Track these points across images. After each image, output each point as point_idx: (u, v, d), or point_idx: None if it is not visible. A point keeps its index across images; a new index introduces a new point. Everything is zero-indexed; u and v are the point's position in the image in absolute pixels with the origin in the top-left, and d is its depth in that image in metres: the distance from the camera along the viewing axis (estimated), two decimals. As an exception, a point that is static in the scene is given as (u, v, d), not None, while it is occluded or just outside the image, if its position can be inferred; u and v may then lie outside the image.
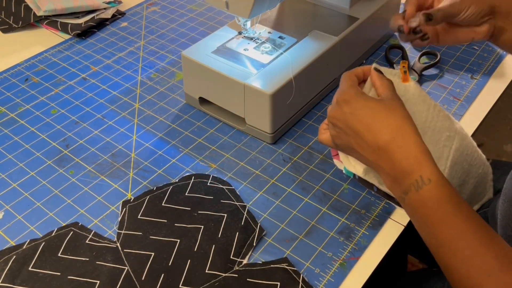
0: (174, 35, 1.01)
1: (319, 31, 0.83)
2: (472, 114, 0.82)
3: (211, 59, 0.77)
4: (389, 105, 0.56)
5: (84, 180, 0.71)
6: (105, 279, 0.58)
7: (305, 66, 0.76)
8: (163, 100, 0.85)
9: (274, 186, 0.70)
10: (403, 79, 0.64)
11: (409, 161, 0.53)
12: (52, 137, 0.78)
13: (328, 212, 0.66)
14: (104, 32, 1.02)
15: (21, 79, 0.90)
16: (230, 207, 0.66)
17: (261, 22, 0.85)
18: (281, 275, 0.58)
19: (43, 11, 1.00)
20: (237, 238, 0.62)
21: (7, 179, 0.71)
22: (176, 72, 0.91)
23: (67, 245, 0.62)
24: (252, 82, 0.73)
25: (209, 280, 0.58)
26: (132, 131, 0.79)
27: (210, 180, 0.70)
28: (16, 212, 0.67)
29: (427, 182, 0.52)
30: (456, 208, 0.51)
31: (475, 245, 0.50)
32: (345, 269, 0.60)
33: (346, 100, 0.57)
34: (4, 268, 0.59)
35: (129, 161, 0.74)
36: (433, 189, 0.52)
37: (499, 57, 0.93)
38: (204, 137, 0.78)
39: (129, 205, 0.67)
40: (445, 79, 0.89)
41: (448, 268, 0.52)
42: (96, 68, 0.92)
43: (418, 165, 0.53)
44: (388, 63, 0.92)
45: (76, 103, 0.84)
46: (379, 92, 0.59)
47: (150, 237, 0.62)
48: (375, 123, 0.55)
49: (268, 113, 0.73)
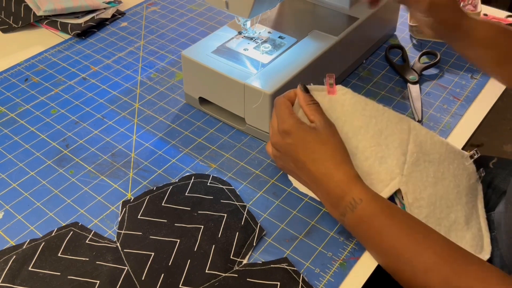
0: (174, 35, 1.01)
1: (319, 31, 0.83)
2: (472, 114, 0.82)
3: (211, 59, 0.77)
4: (323, 137, 0.61)
5: (84, 180, 0.71)
6: (105, 279, 0.58)
7: (305, 66, 0.76)
8: (163, 100, 0.85)
9: (274, 186, 0.70)
10: (329, 91, 0.67)
11: (341, 188, 0.59)
12: (52, 137, 0.78)
13: (328, 212, 0.66)
14: (104, 32, 1.02)
15: (21, 79, 0.90)
16: (230, 207, 0.66)
17: (261, 22, 0.85)
18: (281, 275, 0.58)
19: (43, 11, 1.00)
20: (237, 238, 0.62)
21: (7, 179, 0.71)
22: (176, 72, 0.91)
23: (67, 245, 0.62)
24: (252, 82, 0.73)
25: (209, 280, 0.58)
26: (132, 131, 0.79)
27: (210, 180, 0.70)
28: (16, 212, 0.67)
29: (359, 202, 0.57)
30: (389, 217, 0.57)
31: (412, 246, 0.54)
32: (345, 269, 0.60)
33: (287, 132, 0.62)
34: (4, 268, 0.59)
35: (129, 161, 0.74)
36: (366, 206, 0.57)
37: (499, 57, 0.93)
38: (204, 137, 0.78)
39: (129, 205, 0.67)
40: (445, 79, 0.89)
41: (396, 274, 0.56)
42: (96, 68, 0.92)
43: (349, 190, 0.58)
44: (388, 63, 0.92)
45: (76, 103, 0.84)
46: (311, 119, 0.63)
47: (150, 237, 0.62)
48: (313, 156, 0.60)
49: (268, 113, 0.73)
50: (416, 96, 0.84)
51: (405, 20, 1.03)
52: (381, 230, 0.56)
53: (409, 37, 1.00)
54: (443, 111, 0.82)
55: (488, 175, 0.82)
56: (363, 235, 0.59)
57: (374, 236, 0.57)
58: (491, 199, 0.79)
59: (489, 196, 0.80)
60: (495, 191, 0.79)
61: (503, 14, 1.04)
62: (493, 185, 0.80)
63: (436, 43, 0.97)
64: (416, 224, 0.57)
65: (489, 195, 0.80)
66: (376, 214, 0.57)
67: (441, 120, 0.80)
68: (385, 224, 0.56)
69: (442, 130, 0.78)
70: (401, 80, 0.89)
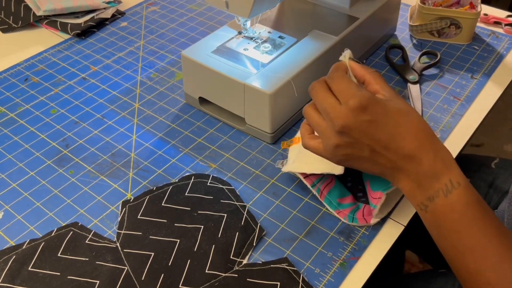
0: (174, 35, 1.01)
1: (319, 31, 0.82)
2: (472, 114, 0.82)
3: (211, 59, 0.77)
4: (403, 107, 0.52)
5: (84, 180, 0.71)
6: (105, 279, 0.58)
7: (305, 66, 0.76)
8: (163, 100, 0.85)
9: (274, 186, 0.70)
10: None
11: (437, 165, 0.50)
12: (52, 137, 0.78)
13: (328, 212, 0.66)
14: (104, 32, 1.02)
15: (20, 79, 0.90)
16: (230, 207, 0.66)
17: (261, 22, 0.85)
18: (281, 275, 0.58)
19: (42, 11, 1.00)
20: (237, 238, 0.62)
21: (7, 179, 0.71)
22: (176, 72, 0.91)
23: (66, 245, 0.62)
24: (252, 82, 0.73)
25: (209, 280, 0.58)
26: (132, 131, 0.79)
27: (210, 180, 0.70)
28: (16, 212, 0.67)
29: (456, 186, 0.49)
30: (483, 212, 0.49)
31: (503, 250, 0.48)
32: (345, 269, 0.60)
33: (363, 107, 0.50)
34: (4, 268, 0.59)
35: (129, 161, 0.74)
36: (462, 192, 0.49)
37: (499, 57, 0.93)
38: (204, 137, 0.78)
39: (129, 205, 0.66)
40: (445, 79, 0.89)
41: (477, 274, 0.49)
42: (95, 68, 0.92)
43: (447, 169, 0.50)
44: (388, 63, 0.92)
45: (76, 103, 0.84)
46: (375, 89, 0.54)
47: (150, 237, 0.62)
48: (399, 129, 0.50)
49: (268, 113, 0.73)
50: (416, 96, 0.84)
51: (405, 20, 1.03)
52: (473, 224, 0.48)
53: (409, 37, 1.00)
54: (443, 111, 0.82)
55: (489, 175, 0.82)
56: (447, 226, 0.50)
57: (461, 229, 0.49)
58: (492, 199, 0.79)
59: (490, 196, 0.80)
60: (497, 191, 0.79)
61: (503, 14, 1.04)
62: (495, 185, 0.80)
63: (436, 43, 0.97)
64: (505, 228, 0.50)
65: (491, 195, 0.80)
66: (471, 205, 0.49)
67: (441, 120, 0.80)
68: (478, 218, 0.49)
69: (442, 130, 0.78)
70: (401, 80, 0.89)
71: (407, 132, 0.50)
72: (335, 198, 0.66)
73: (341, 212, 0.65)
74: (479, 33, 1.00)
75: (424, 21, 0.96)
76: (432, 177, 0.50)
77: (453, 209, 0.49)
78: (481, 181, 0.83)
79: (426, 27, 0.96)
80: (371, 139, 0.51)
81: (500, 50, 0.95)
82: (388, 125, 0.50)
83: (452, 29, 0.95)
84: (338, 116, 0.51)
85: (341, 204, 0.66)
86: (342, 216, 0.65)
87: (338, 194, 0.66)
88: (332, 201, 0.66)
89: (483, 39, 0.98)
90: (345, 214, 0.65)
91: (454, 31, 0.95)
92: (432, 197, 0.50)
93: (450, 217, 0.50)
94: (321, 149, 0.56)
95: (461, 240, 0.50)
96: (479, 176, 0.84)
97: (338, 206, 0.65)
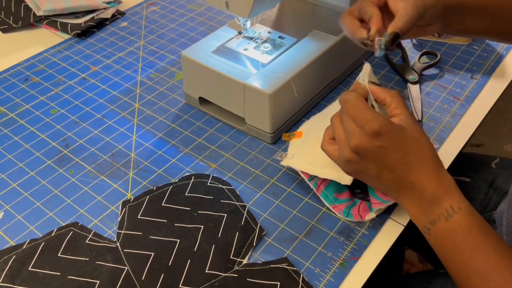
0: (174, 35, 1.01)
1: (319, 31, 0.83)
2: (472, 114, 0.82)
3: (211, 59, 0.77)
4: (416, 136, 0.54)
5: (84, 180, 0.71)
6: (105, 279, 0.58)
7: (305, 66, 0.76)
8: (163, 100, 0.85)
9: (274, 186, 0.70)
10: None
11: (439, 192, 0.52)
12: (52, 137, 0.78)
13: (328, 212, 0.66)
14: (104, 32, 1.02)
15: (21, 79, 0.90)
16: (230, 207, 0.66)
17: (261, 22, 0.85)
18: (281, 275, 0.58)
19: (42, 11, 1.00)
20: (237, 238, 0.62)
21: (7, 179, 0.71)
22: (176, 72, 0.91)
23: (67, 245, 0.62)
24: (252, 82, 0.73)
25: (209, 280, 0.58)
26: (132, 131, 0.79)
27: (210, 180, 0.70)
28: (16, 212, 0.67)
29: (457, 210, 0.51)
30: (484, 236, 0.51)
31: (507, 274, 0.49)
32: (345, 269, 0.60)
33: (379, 133, 0.52)
34: (4, 268, 0.59)
35: (129, 161, 0.74)
36: (463, 216, 0.51)
37: (499, 57, 0.93)
38: (204, 137, 0.78)
39: (129, 205, 0.66)
40: (445, 79, 0.89)
41: None
42: (96, 68, 0.92)
43: (448, 195, 0.52)
44: (388, 63, 0.92)
45: (76, 103, 0.84)
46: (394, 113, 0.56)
47: (150, 237, 0.62)
48: (407, 158, 0.53)
49: (268, 113, 0.73)
50: (416, 96, 0.84)
51: (405, 20, 1.03)
52: (475, 248, 0.50)
53: (409, 37, 1.00)
54: (443, 111, 0.82)
55: (490, 175, 0.82)
56: (450, 249, 0.52)
57: (463, 253, 0.51)
58: (492, 199, 0.79)
59: (490, 196, 0.80)
60: (497, 191, 0.79)
61: (503, 14, 1.04)
62: (495, 185, 0.80)
63: (436, 43, 0.97)
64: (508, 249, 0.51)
65: (491, 195, 0.80)
66: (472, 229, 0.51)
67: (441, 120, 0.80)
68: (480, 242, 0.50)
69: (442, 130, 0.78)
70: (401, 80, 0.89)
71: (416, 161, 0.53)
72: (332, 193, 0.66)
73: (336, 206, 0.66)
74: (479, 33, 1.00)
75: (424, 21, 0.96)
76: (433, 202, 0.52)
77: (455, 233, 0.51)
78: (481, 181, 0.83)
79: (426, 27, 0.96)
80: (380, 162, 0.54)
81: (500, 50, 0.95)
82: (398, 152, 0.53)
83: (452, 29, 0.95)
84: (354, 137, 0.54)
85: (337, 199, 0.66)
86: (337, 210, 0.65)
87: (335, 189, 0.67)
88: (328, 196, 0.66)
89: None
90: (340, 209, 0.65)
91: (454, 31, 0.95)
92: (434, 221, 0.52)
93: (452, 240, 0.51)
94: (335, 156, 0.59)
95: (464, 264, 0.51)
96: (480, 176, 0.84)
97: (334, 201, 0.66)
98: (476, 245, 0.50)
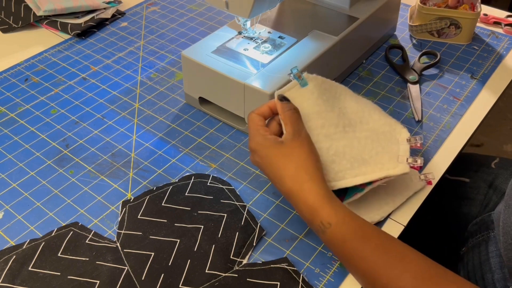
0: (174, 35, 1.01)
1: (319, 31, 0.83)
2: (472, 114, 0.82)
3: (211, 59, 0.77)
4: (286, 151, 0.58)
5: (84, 180, 0.71)
6: (105, 279, 0.58)
7: (305, 66, 0.76)
8: (163, 100, 0.85)
9: (274, 186, 0.70)
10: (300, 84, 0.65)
11: (307, 209, 0.56)
12: (52, 137, 0.78)
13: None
14: (104, 32, 1.02)
15: (21, 79, 0.90)
16: (230, 207, 0.66)
17: (261, 22, 0.85)
18: (281, 275, 0.58)
19: (42, 11, 1.00)
20: (237, 238, 0.62)
21: (7, 179, 0.71)
22: (176, 72, 0.91)
23: (67, 245, 0.62)
24: (252, 82, 0.73)
25: (209, 280, 0.58)
26: (132, 131, 0.79)
27: (210, 180, 0.70)
28: (16, 212, 0.67)
29: (327, 226, 0.54)
30: (361, 240, 0.53)
31: (388, 270, 0.52)
32: (345, 269, 0.60)
33: (253, 150, 0.60)
34: (4, 268, 0.59)
35: (129, 161, 0.74)
36: (335, 230, 0.54)
37: (499, 57, 0.93)
38: (204, 137, 0.78)
39: (129, 205, 0.67)
40: (445, 79, 0.89)
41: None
42: (96, 68, 0.92)
43: (316, 212, 0.55)
44: (388, 63, 0.92)
45: (76, 103, 0.84)
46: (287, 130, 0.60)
47: (150, 237, 0.62)
48: (279, 173, 0.58)
49: (268, 113, 0.73)
50: (416, 96, 0.84)
51: (405, 20, 1.03)
52: (354, 254, 0.54)
53: (409, 37, 1.00)
54: (443, 111, 0.82)
55: (489, 175, 0.82)
56: (338, 256, 0.56)
57: (348, 260, 0.55)
58: (491, 200, 0.79)
59: (489, 196, 0.80)
60: (496, 192, 0.79)
61: (503, 14, 1.04)
62: (494, 185, 0.80)
63: (436, 43, 0.97)
64: (391, 245, 0.54)
65: (490, 195, 0.80)
66: (347, 238, 0.54)
67: (441, 120, 0.80)
68: (358, 248, 0.53)
69: (442, 130, 0.78)
70: (401, 80, 0.89)
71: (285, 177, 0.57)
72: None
73: None
74: (479, 33, 1.00)
75: (424, 21, 0.96)
76: (310, 214, 0.56)
77: (334, 244, 0.55)
78: (481, 181, 0.83)
79: (426, 27, 0.96)
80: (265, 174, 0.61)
81: (500, 50, 0.95)
82: (271, 167, 0.59)
83: (452, 29, 0.95)
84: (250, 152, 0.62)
85: None
86: None
87: None
88: None
89: (483, 39, 0.98)
90: None
91: (454, 31, 0.95)
92: (317, 231, 0.56)
93: (334, 249, 0.56)
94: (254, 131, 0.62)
95: (352, 268, 0.55)
96: (479, 176, 0.84)
97: None
98: (355, 253, 0.53)
